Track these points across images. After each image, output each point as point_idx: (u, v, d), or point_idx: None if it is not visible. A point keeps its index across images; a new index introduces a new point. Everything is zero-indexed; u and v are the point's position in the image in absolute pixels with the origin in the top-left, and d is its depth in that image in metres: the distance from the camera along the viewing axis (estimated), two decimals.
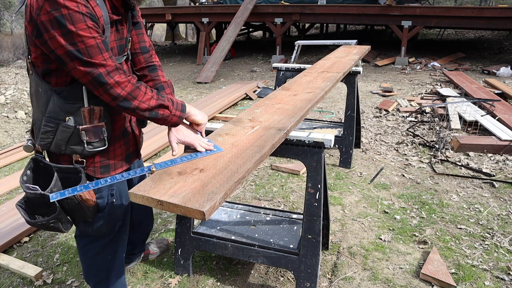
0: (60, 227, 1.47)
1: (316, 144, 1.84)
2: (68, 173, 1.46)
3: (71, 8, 1.22)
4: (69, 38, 1.24)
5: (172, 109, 1.46)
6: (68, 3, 1.21)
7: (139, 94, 1.38)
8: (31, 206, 1.48)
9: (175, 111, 1.47)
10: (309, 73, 2.77)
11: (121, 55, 1.52)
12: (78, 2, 1.23)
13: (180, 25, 18.19)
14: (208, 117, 5.03)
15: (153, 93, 1.42)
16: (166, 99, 1.46)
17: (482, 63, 8.40)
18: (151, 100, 1.40)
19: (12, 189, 3.30)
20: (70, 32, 1.23)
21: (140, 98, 1.38)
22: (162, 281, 2.16)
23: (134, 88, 1.36)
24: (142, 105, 1.39)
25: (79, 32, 1.23)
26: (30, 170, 1.51)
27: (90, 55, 1.27)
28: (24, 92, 5.86)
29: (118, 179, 1.45)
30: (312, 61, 9.15)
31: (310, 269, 1.93)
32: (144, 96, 1.39)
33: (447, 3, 21.83)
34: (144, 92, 1.39)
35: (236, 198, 3.06)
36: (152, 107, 1.41)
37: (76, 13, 1.22)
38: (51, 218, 1.43)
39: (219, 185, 1.21)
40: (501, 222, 2.66)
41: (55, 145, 1.45)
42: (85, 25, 1.24)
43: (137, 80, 1.41)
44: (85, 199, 1.48)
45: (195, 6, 12.02)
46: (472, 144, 3.79)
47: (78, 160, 1.48)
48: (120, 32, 1.48)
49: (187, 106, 1.53)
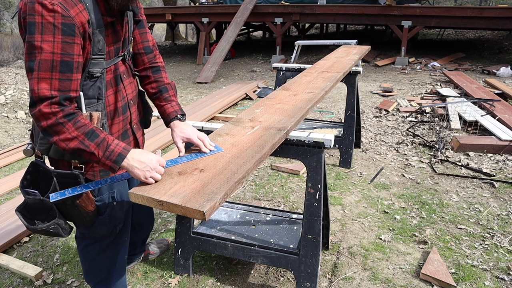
0: (60, 232, 1.46)
1: (316, 144, 1.84)
2: (67, 178, 1.45)
3: (45, 18, 1.19)
4: (31, 47, 1.22)
5: (102, 157, 1.30)
6: (45, 12, 1.19)
7: (60, 131, 1.26)
8: (30, 211, 1.47)
9: (105, 160, 1.31)
10: (309, 73, 2.77)
11: (116, 56, 1.50)
12: (55, 11, 1.20)
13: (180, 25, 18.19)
14: (208, 117, 5.04)
15: (79, 134, 1.27)
16: (95, 145, 1.28)
17: (482, 63, 8.40)
18: (72, 142, 1.27)
19: (12, 189, 3.30)
20: (33, 41, 1.21)
21: (60, 135, 1.27)
22: (162, 281, 2.16)
23: (55, 123, 1.25)
24: (60, 144, 1.28)
25: (42, 44, 1.20)
26: (29, 174, 1.50)
27: (39, 69, 1.22)
28: (24, 92, 5.86)
29: (118, 179, 1.45)
30: (312, 61, 9.15)
31: (310, 269, 1.93)
32: (65, 135, 1.27)
33: (447, 3, 21.83)
34: (67, 130, 1.26)
35: (236, 198, 3.06)
36: (70, 148, 1.28)
37: (48, 24, 1.20)
38: (51, 224, 1.43)
39: (219, 185, 1.21)
40: (501, 222, 2.66)
41: (54, 151, 1.45)
42: (52, 37, 1.21)
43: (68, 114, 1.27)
44: (84, 205, 1.47)
45: (195, 6, 12.02)
46: (472, 144, 3.79)
47: (77, 165, 1.47)
48: (117, 34, 1.46)
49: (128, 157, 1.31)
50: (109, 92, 1.49)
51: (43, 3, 1.19)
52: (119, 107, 1.54)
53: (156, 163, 1.31)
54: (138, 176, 1.29)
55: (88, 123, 1.32)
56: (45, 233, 1.46)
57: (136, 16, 1.57)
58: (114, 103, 1.52)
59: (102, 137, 1.31)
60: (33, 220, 1.47)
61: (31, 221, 1.47)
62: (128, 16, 1.52)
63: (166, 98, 1.68)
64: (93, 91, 1.41)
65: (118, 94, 1.53)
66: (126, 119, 1.60)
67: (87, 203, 1.49)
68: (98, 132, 1.32)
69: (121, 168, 1.34)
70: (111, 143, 1.32)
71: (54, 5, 1.20)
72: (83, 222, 1.53)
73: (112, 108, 1.52)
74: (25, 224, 1.45)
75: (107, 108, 1.49)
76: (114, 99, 1.52)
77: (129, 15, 1.52)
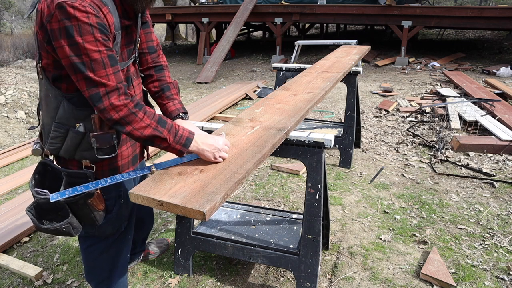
0: (72, 232, 1.47)
1: (316, 144, 1.84)
2: (77, 178, 1.46)
3: (81, 19, 1.20)
4: (75, 49, 1.22)
5: (172, 142, 1.37)
6: (79, 13, 1.20)
7: (134, 120, 1.31)
8: (41, 211, 1.47)
9: (175, 145, 1.37)
10: (309, 73, 2.77)
11: (129, 58, 1.51)
12: (88, 13, 1.21)
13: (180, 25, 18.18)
14: (208, 117, 5.03)
15: (152, 121, 1.34)
16: (167, 130, 1.36)
17: (482, 63, 8.40)
18: (146, 129, 1.33)
19: (12, 189, 3.30)
20: (76, 44, 1.22)
21: (134, 124, 1.32)
22: (162, 281, 2.16)
23: (129, 113, 1.30)
24: (135, 133, 1.33)
25: (85, 44, 1.22)
26: (38, 174, 1.50)
27: (93, 69, 1.25)
28: (24, 92, 5.86)
29: (118, 179, 1.45)
30: (312, 61, 9.15)
31: (310, 269, 1.93)
32: (139, 123, 1.32)
33: (447, 3, 21.83)
34: (140, 119, 1.32)
35: (236, 198, 3.06)
36: (145, 136, 1.33)
37: (85, 24, 1.21)
38: (64, 223, 1.43)
39: (219, 186, 1.22)
40: (501, 222, 2.66)
41: (65, 150, 1.45)
42: (93, 37, 1.23)
43: (137, 103, 1.33)
44: (95, 204, 1.48)
45: (195, 6, 12.02)
46: (472, 144, 3.79)
47: (88, 165, 1.48)
48: (130, 36, 1.48)
49: (195, 139, 1.40)
50: None
51: (74, 6, 1.20)
52: None
53: (222, 144, 1.41)
54: (208, 157, 1.38)
55: (154, 111, 1.38)
56: (56, 233, 1.46)
57: (143, 18, 1.58)
58: None
59: (170, 123, 1.38)
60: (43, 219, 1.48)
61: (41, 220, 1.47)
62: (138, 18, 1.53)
63: (168, 96, 1.68)
64: None
65: None
66: None
67: (98, 202, 1.50)
68: (165, 119, 1.38)
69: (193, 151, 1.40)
70: (178, 128, 1.39)
71: (86, 7, 1.21)
72: (92, 220, 1.53)
73: None
74: (36, 224, 1.45)
75: None
76: None
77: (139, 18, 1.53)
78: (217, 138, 1.41)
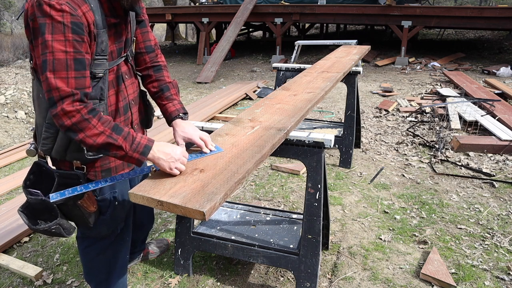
0: (62, 232, 1.47)
1: (316, 144, 1.84)
2: (68, 179, 1.46)
3: (55, 18, 1.19)
4: (43, 47, 1.21)
5: (129, 150, 1.30)
6: (54, 12, 1.19)
7: (86, 127, 1.25)
8: (32, 211, 1.47)
9: (132, 153, 1.31)
10: (309, 73, 2.77)
11: (119, 56, 1.50)
12: (64, 11, 1.20)
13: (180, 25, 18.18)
14: (208, 117, 5.03)
15: (106, 128, 1.27)
16: (122, 138, 1.29)
17: (482, 63, 8.40)
18: (99, 137, 1.27)
19: (12, 189, 3.30)
20: (45, 41, 1.21)
21: (86, 131, 1.25)
22: (162, 281, 2.16)
23: (81, 119, 1.24)
24: (87, 140, 1.27)
25: (53, 43, 1.20)
26: (33, 174, 1.50)
27: (54, 69, 1.21)
28: (24, 92, 5.86)
29: (118, 179, 1.46)
30: (312, 61, 9.15)
31: (310, 269, 1.93)
32: (92, 130, 1.26)
33: (447, 3, 21.82)
34: (94, 126, 1.26)
35: (236, 198, 3.06)
36: (98, 144, 1.27)
37: (58, 23, 1.20)
38: (52, 224, 1.43)
39: (219, 186, 1.21)
40: (501, 222, 2.66)
41: (56, 151, 1.45)
42: (63, 36, 1.21)
43: (91, 110, 1.27)
44: (86, 205, 1.47)
45: (195, 6, 12.02)
46: (472, 144, 3.79)
47: (79, 166, 1.48)
48: (120, 34, 1.46)
49: (154, 148, 1.33)
50: (111, 92, 1.49)
51: (51, 4, 1.19)
52: (120, 108, 1.54)
53: (180, 155, 1.34)
54: (163, 167, 1.31)
55: (110, 118, 1.33)
56: (47, 233, 1.46)
57: (138, 16, 1.56)
58: (115, 103, 1.52)
59: (127, 130, 1.33)
60: (35, 220, 1.48)
61: (33, 221, 1.47)
62: (130, 16, 1.51)
63: (167, 96, 1.67)
64: (95, 91, 1.41)
65: (119, 94, 1.52)
66: (127, 120, 1.60)
67: (89, 204, 1.49)
68: (122, 126, 1.33)
69: (152, 159, 1.34)
70: (135, 136, 1.33)
71: (62, 5, 1.20)
72: (84, 222, 1.53)
73: (113, 108, 1.52)
74: (27, 224, 1.45)
75: (108, 108, 1.49)
76: (115, 99, 1.52)
77: (131, 15, 1.52)
78: (175, 148, 1.35)
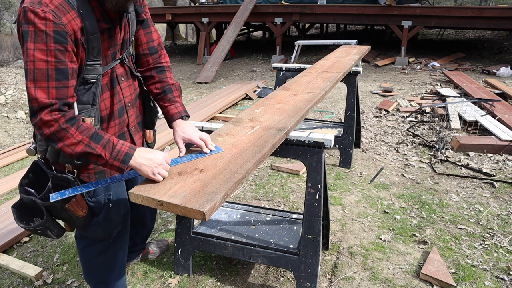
0: (49, 234, 1.47)
1: (316, 144, 1.84)
2: (61, 181, 1.45)
3: (38, 26, 1.19)
4: (26, 55, 1.22)
5: (109, 158, 1.30)
6: (37, 20, 1.19)
7: (65, 137, 1.26)
8: (23, 209, 1.48)
9: (113, 161, 1.31)
10: (309, 73, 2.77)
11: (113, 59, 1.48)
12: (47, 19, 1.19)
13: (180, 25, 18.18)
14: (208, 117, 5.03)
15: (84, 137, 1.28)
16: (101, 146, 1.29)
17: (482, 63, 8.40)
18: (77, 146, 1.27)
19: (12, 189, 3.30)
20: (27, 50, 1.21)
21: (65, 141, 1.27)
22: (162, 281, 2.16)
23: (59, 129, 1.25)
24: (66, 150, 1.28)
25: (35, 52, 1.20)
26: (31, 173, 1.50)
27: (35, 78, 1.22)
28: (24, 92, 5.86)
29: (118, 179, 1.45)
30: (312, 61, 9.15)
31: (310, 269, 1.93)
32: (70, 139, 1.27)
33: (447, 3, 21.82)
34: (72, 135, 1.27)
35: (236, 198, 3.06)
36: (76, 153, 1.28)
37: (41, 32, 1.20)
38: (38, 225, 1.44)
39: (219, 185, 1.21)
40: (501, 222, 2.66)
41: (50, 153, 1.44)
42: (45, 45, 1.21)
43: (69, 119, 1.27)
44: (73, 210, 1.45)
45: (195, 6, 12.02)
46: (472, 144, 3.79)
47: (70, 170, 1.47)
48: (114, 38, 1.43)
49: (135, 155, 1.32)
50: (105, 95, 1.48)
51: (35, 11, 1.19)
52: (115, 111, 1.52)
53: (162, 160, 1.32)
54: (146, 172, 1.29)
55: (90, 126, 1.32)
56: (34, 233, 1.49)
57: (139, 16, 1.53)
58: (110, 107, 1.51)
59: (106, 138, 1.31)
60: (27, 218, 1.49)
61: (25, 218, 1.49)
62: (129, 17, 1.49)
63: (170, 99, 1.64)
64: (87, 96, 1.40)
65: (114, 97, 1.51)
66: (122, 122, 1.58)
67: (76, 208, 1.46)
68: (102, 134, 1.32)
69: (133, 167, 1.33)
70: (116, 143, 1.32)
71: (46, 13, 1.19)
72: (75, 225, 1.54)
73: (108, 111, 1.50)
74: (16, 221, 1.47)
75: (102, 112, 1.47)
76: (110, 103, 1.50)
77: (130, 16, 1.49)
78: (157, 153, 1.34)
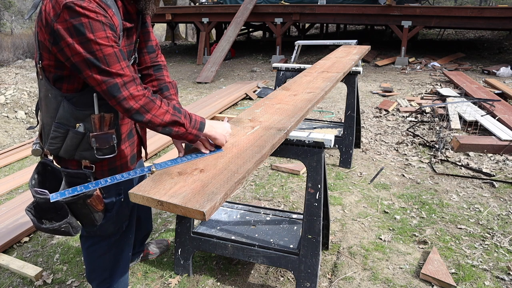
0: (71, 231, 1.47)
1: (316, 144, 1.84)
2: (76, 178, 1.46)
3: (91, 17, 1.21)
4: (88, 46, 1.23)
5: (189, 127, 1.39)
6: (88, 12, 1.21)
7: (153, 108, 1.33)
8: (40, 210, 1.47)
9: (191, 129, 1.40)
10: (309, 73, 2.77)
11: (130, 58, 1.51)
12: (97, 12, 1.23)
13: (180, 25, 18.18)
14: (208, 117, 5.03)
15: (169, 107, 1.37)
16: (183, 116, 1.39)
17: (482, 63, 8.40)
18: (166, 115, 1.35)
19: (12, 189, 3.30)
20: (89, 41, 1.22)
21: (153, 111, 1.34)
22: (162, 281, 2.16)
23: (148, 101, 1.32)
24: (155, 120, 1.35)
25: (98, 40, 1.23)
26: (38, 174, 1.50)
27: (108, 64, 1.26)
28: (24, 92, 5.86)
29: (118, 179, 1.45)
30: (312, 61, 9.15)
31: (310, 269, 1.93)
32: (158, 110, 1.34)
33: (447, 3, 21.82)
34: (159, 106, 1.35)
35: (236, 198, 3.06)
36: (166, 122, 1.36)
37: (96, 21, 1.22)
38: (63, 223, 1.43)
39: (219, 186, 1.21)
40: (501, 222, 2.66)
41: (64, 151, 1.45)
42: (105, 34, 1.24)
43: (152, 93, 1.37)
44: (94, 204, 1.48)
45: (195, 6, 12.02)
46: (472, 144, 3.79)
47: (88, 165, 1.48)
48: (131, 38, 1.48)
49: (206, 124, 1.45)
50: None
51: (83, 5, 1.21)
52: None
53: (228, 128, 1.53)
54: (221, 140, 1.45)
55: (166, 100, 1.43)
56: (55, 232, 1.46)
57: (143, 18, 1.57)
58: None
59: (183, 110, 1.42)
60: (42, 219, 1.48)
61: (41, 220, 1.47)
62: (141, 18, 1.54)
63: (166, 96, 1.67)
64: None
65: None
66: (131, 121, 1.61)
67: (97, 202, 1.50)
68: (178, 106, 1.44)
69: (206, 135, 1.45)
70: (190, 114, 1.43)
71: (94, 8, 1.23)
72: (92, 221, 1.54)
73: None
74: (35, 224, 1.45)
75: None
76: None
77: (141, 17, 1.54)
78: (225, 123, 1.52)
